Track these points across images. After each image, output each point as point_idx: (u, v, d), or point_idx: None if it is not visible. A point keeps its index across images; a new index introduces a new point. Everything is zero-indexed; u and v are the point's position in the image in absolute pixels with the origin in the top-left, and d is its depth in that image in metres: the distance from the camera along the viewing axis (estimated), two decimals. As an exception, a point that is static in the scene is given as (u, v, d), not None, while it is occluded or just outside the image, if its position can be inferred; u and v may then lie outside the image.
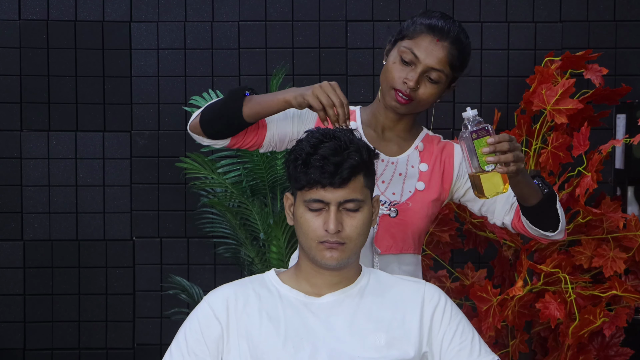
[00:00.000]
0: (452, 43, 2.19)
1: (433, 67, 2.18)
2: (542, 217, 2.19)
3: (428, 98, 2.21)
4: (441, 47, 2.18)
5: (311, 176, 1.89)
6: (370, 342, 1.93)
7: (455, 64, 2.20)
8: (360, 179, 1.92)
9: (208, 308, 1.97)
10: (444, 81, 2.21)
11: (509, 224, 2.29)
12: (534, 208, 2.16)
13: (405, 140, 2.30)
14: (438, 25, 2.19)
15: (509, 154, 1.99)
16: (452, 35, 2.19)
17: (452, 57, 2.19)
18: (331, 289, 1.98)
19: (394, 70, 2.20)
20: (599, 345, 3.26)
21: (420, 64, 2.17)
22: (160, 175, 3.75)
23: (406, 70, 2.18)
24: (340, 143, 1.90)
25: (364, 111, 2.34)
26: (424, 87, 2.19)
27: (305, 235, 1.93)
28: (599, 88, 3.28)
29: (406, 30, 2.23)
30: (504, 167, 1.99)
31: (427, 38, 2.19)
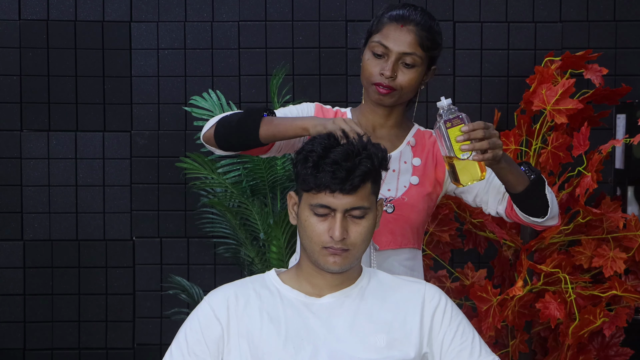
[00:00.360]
0: (417, 25, 2.21)
1: (405, 52, 2.20)
2: (531, 203, 2.19)
3: (409, 83, 2.22)
4: (407, 31, 2.20)
5: (321, 180, 1.87)
6: (370, 343, 1.93)
7: (425, 45, 2.21)
8: (368, 186, 1.91)
9: (208, 308, 1.97)
10: (420, 64, 2.22)
11: (503, 213, 2.29)
12: (521, 195, 2.16)
13: (396, 137, 2.31)
14: (400, 13, 2.23)
15: (484, 142, 1.99)
16: (414, 18, 2.22)
17: (421, 38, 2.21)
18: (332, 290, 1.98)
19: (369, 66, 2.23)
20: (599, 345, 3.26)
21: (391, 53, 2.20)
22: (160, 175, 3.75)
23: (380, 62, 2.21)
24: (353, 148, 1.89)
25: (354, 112, 2.35)
26: (401, 74, 2.21)
27: (309, 239, 1.92)
28: (599, 88, 3.28)
29: (372, 27, 2.26)
30: (480, 155, 1.99)
31: (392, 26, 2.21)
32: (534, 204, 2.19)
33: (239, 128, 2.16)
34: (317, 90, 3.70)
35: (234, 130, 2.17)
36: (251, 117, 2.16)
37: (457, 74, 3.72)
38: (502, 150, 2.03)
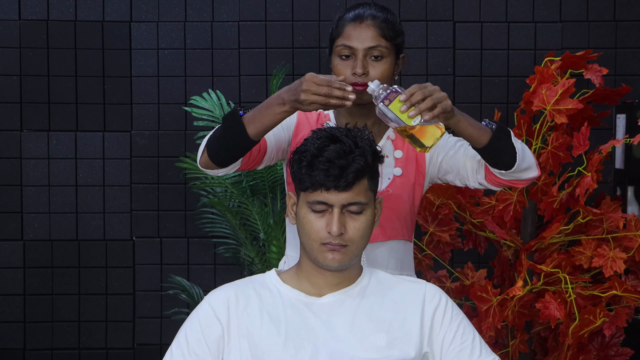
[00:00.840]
0: (374, 19, 2.25)
1: (370, 47, 2.23)
2: (500, 155, 2.17)
3: (382, 75, 2.24)
4: (366, 27, 2.24)
5: (316, 178, 1.88)
6: (370, 343, 1.93)
7: (387, 35, 2.24)
8: (364, 182, 1.92)
9: (209, 308, 1.97)
10: (388, 54, 2.25)
11: (484, 181, 2.28)
12: (488, 147, 2.15)
13: (377, 134, 2.31)
14: (355, 12, 2.27)
15: (427, 100, 1.99)
16: (370, 13, 2.26)
17: (381, 29, 2.24)
18: (332, 289, 1.98)
19: (340, 70, 2.25)
20: (599, 345, 3.26)
21: (357, 51, 2.23)
22: (160, 175, 3.76)
23: (349, 63, 2.24)
24: (345, 147, 1.90)
25: (338, 113, 2.37)
26: (372, 68, 2.24)
27: (308, 236, 1.93)
28: (599, 88, 3.28)
29: (333, 33, 2.30)
30: (430, 114, 2.00)
31: (351, 26, 2.25)
32: (504, 156, 2.17)
33: (227, 138, 2.16)
34: (317, 90, 3.70)
35: (223, 142, 2.17)
36: (231, 122, 2.15)
37: (457, 74, 3.72)
38: (449, 101, 2.03)
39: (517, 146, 2.18)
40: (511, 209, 3.18)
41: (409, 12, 3.70)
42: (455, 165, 2.29)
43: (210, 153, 2.19)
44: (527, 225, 3.31)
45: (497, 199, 3.20)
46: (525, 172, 2.22)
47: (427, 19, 3.71)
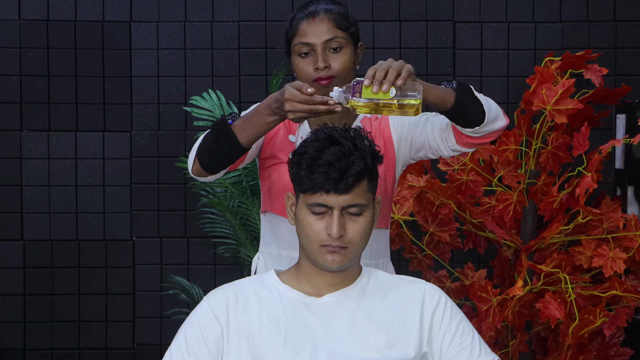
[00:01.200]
0: (326, 12, 2.27)
1: (327, 40, 2.25)
2: (468, 112, 2.18)
3: (344, 65, 2.26)
4: (319, 21, 2.26)
5: (315, 181, 1.88)
6: (370, 343, 1.93)
7: (342, 25, 2.26)
8: (364, 184, 1.92)
9: (208, 308, 1.97)
10: (346, 44, 2.27)
11: (457, 146, 2.29)
12: (456, 107, 2.15)
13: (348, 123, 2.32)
14: (306, 10, 2.29)
15: (390, 71, 2.00)
16: (321, 8, 2.28)
17: (335, 21, 2.26)
18: (331, 290, 1.98)
19: (302, 68, 2.27)
20: (599, 345, 3.26)
21: (316, 45, 2.25)
22: (160, 175, 3.76)
23: (310, 60, 2.26)
24: (344, 149, 1.89)
25: None
26: (333, 60, 2.25)
27: (307, 238, 1.93)
28: (599, 88, 3.28)
29: (288, 34, 2.31)
30: (400, 81, 2.00)
31: (305, 23, 2.27)
32: (472, 111, 2.18)
33: (219, 147, 2.17)
34: (317, 90, 3.70)
35: (215, 151, 2.18)
36: (221, 131, 2.16)
37: (457, 74, 3.72)
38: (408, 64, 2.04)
39: (481, 98, 2.20)
40: (511, 209, 3.18)
41: (409, 12, 3.70)
42: (425, 139, 2.31)
43: (202, 162, 2.21)
44: (527, 225, 3.31)
45: (497, 199, 3.20)
46: (494, 123, 2.22)
47: (427, 19, 3.71)
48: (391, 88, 2.01)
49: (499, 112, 2.24)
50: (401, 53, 3.70)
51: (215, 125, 2.19)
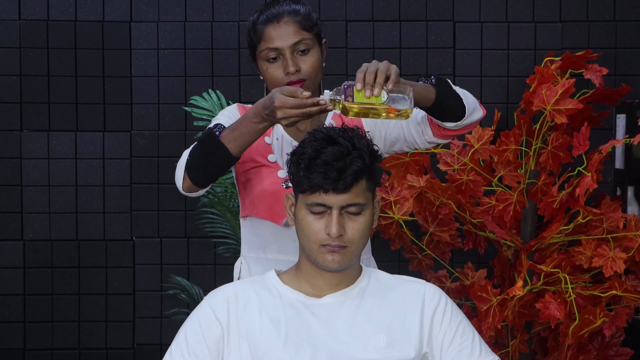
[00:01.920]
0: (289, 14, 2.24)
1: (294, 42, 2.23)
2: (449, 107, 2.18)
3: (314, 66, 2.25)
4: (285, 24, 2.24)
5: (314, 181, 1.88)
6: (370, 344, 1.93)
7: (307, 26, 2.25)
8: (362, 183, 1.92)
9: (209, 308, 1.97)
10: (313, 45, 2.26)
11: (433, 138, 2.29)
12: (437, 102, 2.15)
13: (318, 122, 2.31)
14: (269, 13, 2.26)
15: (379, 74, 1.99)
16: (284, 10, 2.25)
17: (300, 23, 2.24)
18: (332, 290, 1.98)
19: (272, 72, 2.26)
20: (599, 345, 3.26)
21: (284, 50, 2.23)
22: (160, 175, 3.75)
23: (278, 65, 2.24)
24: (342, 148, 1.90)
25: None
26: (302, 62, 2.24)
27: (307, 238, 1.93)
28: (599, 88, 3.29)
29: (252, 40, 2.28)
30: (390, 85, 1.99)
31: (270, 28, 2.24)
32: (452, 105, 2.18)
33: (210, 160, 2.15)
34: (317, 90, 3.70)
35: (206, 165, 2.16)
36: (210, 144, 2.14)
37: (457, 74, 3.72)
38: (393, 65, 2.03)
39: (459, 91, 2.20)
40: (511, 209, 3.18)
41: (409, 12, 3.70)
42: (400, 134, 2.30)
43: (193, 178, 2.18)
44: (527, 225, 3.31)
45: (497, 199, 3.20)
46: (473, 115, 2.23)
47: (427, 19, 3.71)
48: (382, 92, 2.00)
49: (476, 104, 2.24)
50: (401, 53, 3.70)
51: (203, 139, 2.16)
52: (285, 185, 2.24)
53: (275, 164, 2.29)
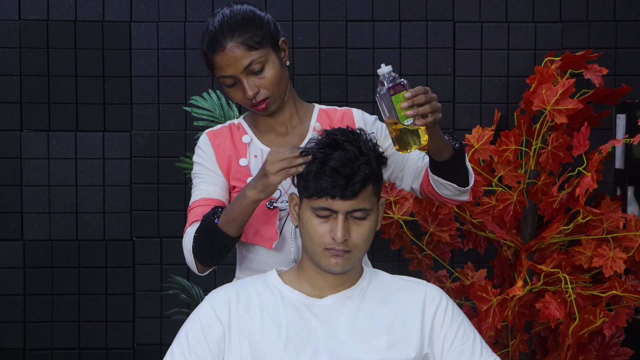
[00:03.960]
0: (232, 37, 2.14)
1: (245, 67, 2.15)
2: (454, 172, 2.19)
3: (273, 80, 2.18)
4: (230, 50, 2.14)
5: (321, 187, 1.88)
6: (371, 344, 1.93)
7: (253, 44, 2.15)
8: (369, 188, 1.92)
9: (210, 308, 1.97)
10: (267, 58, 2.17)
11: (418, 189, 2.29)
12: (445, 163, 2.15)
13: (300, 125, 2.29)
14: (211, 40, 2.16)
15: (426, 106, 1.98)
16: (225, 33, 2.15)
17: (244, 44, 2.14)
18: (333, 291, 1.98)
19: (235, 96, 2.20)
20: (599, 345, 3.26)
21: (238, 75, 2.16)
22: (160, 175, 3.75)
23: (239, 88, 2.18)
24: (349, 154, 1.89)
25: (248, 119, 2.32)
26: (259, 80, 2.17)
27: (311, 240, 1.93)
28: (599, 88, 3.29)
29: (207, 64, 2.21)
30: (422, 120, 1.98)
31: (217, 57, 2.16)
32: (457, 172, 2.19)
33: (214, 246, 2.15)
34: (317, 90, 3.70)
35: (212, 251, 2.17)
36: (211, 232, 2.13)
37: (457, 74, 3.72)
38: (441, 113, 2.02)
39: (469, 169, 2.21)
40: (511, 209, 3.18)
41: (409, 12, 3.70)
42: (400, 163, 2.28)
43: (204, 262, 2.19)
44: (527, 225, 3.31)
45: (497, 199, 3.20)
46: (462, 195, 2.24)
47: (427, 19, 3.71)
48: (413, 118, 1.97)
49: (469, 188, 2.24)
50: (401, 53, 3.70)
51: (203, 227, 2.15)
52: (271, 207, 2.21)
53: None
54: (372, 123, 2.29)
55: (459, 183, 2.20)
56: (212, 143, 2.27)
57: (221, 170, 2.26)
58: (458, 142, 2.17)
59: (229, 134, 2.29)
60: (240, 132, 2.29)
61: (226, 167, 2.25)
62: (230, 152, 2.26)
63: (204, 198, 2.23)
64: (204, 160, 2.27)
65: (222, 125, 2.32)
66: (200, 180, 2.26)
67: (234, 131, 2.29)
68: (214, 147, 2.27)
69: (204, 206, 2.22)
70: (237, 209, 2.09)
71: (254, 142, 2.27)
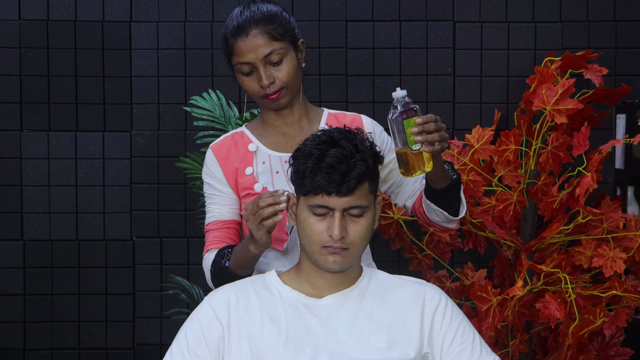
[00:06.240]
0: (257, 25, 2.20)
1: (265, 55, 2.19)
2: (446, 201, 2.22)
3: (289, 74, 2.21)
4: (253, 37, 2.19)
5: (317, 184, 1.89)
6: (371, 344, 1.93)
7: (277, 35, 2.19)
8: (365, 186, 1.92)
9: (209, 309, 1.97)
10: (286, 52, 2.21)
11: (410, 207, 2.34)
12: (440, 191, 2.19)
13: (309, 128, 2.30)
14: (236, 26, 2.22)
15: (435, 134, 2.03)
16: (250, 21, 2.20)
17: (269, 33, 2.19)
18: (332, 290, 1.98)
19: (248, 86, 2.24)
20: (599, 345, 3.26)
21: (257, 63, 2.20)
22: (160, 175, 3.75)
23: (254, 77, 2.22)
24: (345, 151, 1.90)
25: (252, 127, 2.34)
26: (277, 72, 2.20)
27: (309, 239, 1.93)
28: (599, 88, 3.29)
29: (226, 52, 2.26)
30: (430, 147, 2.03)
31: (239, 42, 2.21)
32: (450, 202, 2.23)
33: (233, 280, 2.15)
34: (317, 90, 3.70)
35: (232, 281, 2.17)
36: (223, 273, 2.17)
37: (457, 74, 3.72)
38: (447, 143, 2.07)
39: (463, 200, 2.25)
40: (511, 209, 3.18)
41: (409, 12, 3.70)
42: (399, 180, 2.33)
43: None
44: (527, 225, 3.31)
45: (497, 199, 3.20)
46: (451, 222, 2.28)
47: (427, 19, 3.71)
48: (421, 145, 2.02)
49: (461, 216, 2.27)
50: (401, 53, 3.70)
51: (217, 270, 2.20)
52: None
53: (264, 191, 2.26)
54: (380, 133, 2.34)
55: (450, 211, 2.24)
56: (218, 157, 2.30)
57: (229, 184, 2.28)
58: (456, 173, 2.22)
59: (233, 143, 2.31)
60: (244, 140, 2.31)
61: (234, 181, 2.28)
62: (236, 164, 2.28)
63: (217, 221, 2.29)
64: (212, 180, 2.30)
65: (225, 135, 2.34)
66: (211, 201, 2.31)
67: (237, 140, 2.32)
68: (220, 162, 2.29)
69: (217, 230, 2.28)
70: (243, 257, 2.14)
71: (260, 150, 2.29)
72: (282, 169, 2.26)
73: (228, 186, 2.28)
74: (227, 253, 2.18)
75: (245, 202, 2.27)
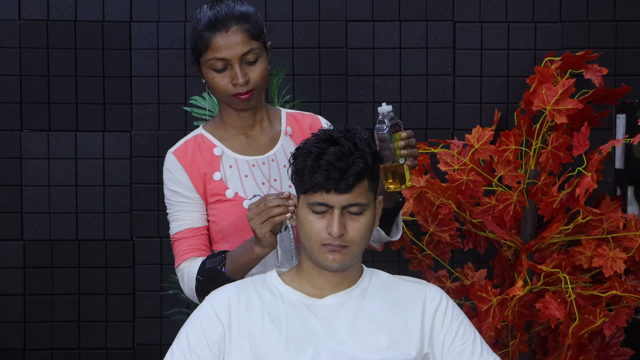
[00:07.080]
0: (237, 22, 2.16)
1: (243, 53, 2.16)
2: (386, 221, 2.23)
3: (262, 75, 2.19)
4: (233, 33, 2.16)
5: (316, 181, 1.89)
6: (371, 344, 1.93)
7: (256, 34, 2.17)
8: (364, 183, 1.93)
9: (210, 308, 1.97)
10: (260, 53, 2.19)
11: None
12: (387, 211, 2.20)
13: (271, 129, 2.29)
14: (213, 20, 2.16)
15: (415, 149, 2.08)
16: (230, 17, 2.16)
17: (248, 32, 2.16)
18: (333, 290, 1.98)
19: (219, 83, 2.20)
20: (599, 345, 3.26)
21: (232, 60, 2.16)
22: (160, 175, 3.74)
23: (226, 74, 2.18)
24: (344, 149, 1.90)
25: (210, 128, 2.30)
26: (251, 71, 2.18)
27: (308, 237, 1.93)
28: (599, 88, 3.29)
29: (197, 45, 2.20)
30: (413, 160, 2.08)
31: (217, 37, 2.16)
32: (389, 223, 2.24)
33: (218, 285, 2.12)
34: (317, 90, 3.70)
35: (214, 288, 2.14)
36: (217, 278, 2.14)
37: (457, 74, 3.72)
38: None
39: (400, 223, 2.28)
40: (511, 209, 3.18)
41: (409, 12, 3.70)
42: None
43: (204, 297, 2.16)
44: (527, 225, 3.31)
45: (497, 199, 3.20)
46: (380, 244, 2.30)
47: (427, 19, 3.71)
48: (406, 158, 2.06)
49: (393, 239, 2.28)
50: (401, 53, 3.70)
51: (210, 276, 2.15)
52: None
53: (236, 196, 2.25)
54: None
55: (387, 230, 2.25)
56: (183, 163, 2.26)
57: (197, 190, 2.25)
58: (402, 197, 2.24)
59: (197, 148, 2.27)
60: (207, 144, 2.28)
61: (202, 186, 2.25)
62: (204, 169, 2.25)
63: (189, 229, 2.28)
64: (178, 187, 2.26)
65: (185, 139, 2.30)
66: (178, 208, 2.28)
67: (200, 144, 2.27)
68: (185, 168, 2.26)
69: (191, 238, 2.26)
70: (244, 260, 2.12)
71: (225, 154, 2.26)
72: (250, 172, 2.24)
73: (196, 192, 2.25)
74: (222, 258, 2.15)
75: (215, 207, 2.24)
